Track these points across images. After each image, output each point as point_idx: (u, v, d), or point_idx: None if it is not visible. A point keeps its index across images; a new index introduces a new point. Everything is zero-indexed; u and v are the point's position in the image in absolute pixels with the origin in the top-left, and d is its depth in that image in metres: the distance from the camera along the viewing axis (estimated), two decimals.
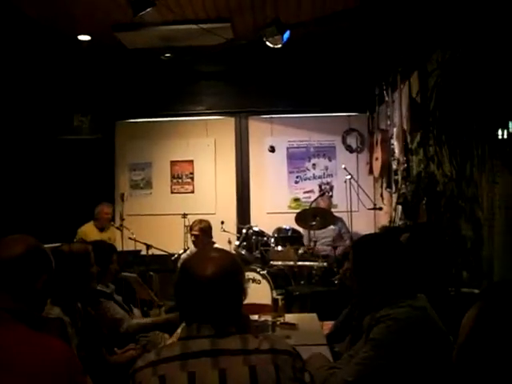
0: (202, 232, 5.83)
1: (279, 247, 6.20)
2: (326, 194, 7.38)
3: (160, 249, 6.44)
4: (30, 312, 1.73)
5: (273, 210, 7.62)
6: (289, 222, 6.75)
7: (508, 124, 2.97)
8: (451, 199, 4.13)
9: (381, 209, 6.79)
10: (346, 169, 6.81)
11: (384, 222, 6.52)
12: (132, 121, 7.91)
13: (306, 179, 7.76)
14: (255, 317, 3.53)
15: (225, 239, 6.36)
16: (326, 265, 5.86)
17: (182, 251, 6.40)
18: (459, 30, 3.37)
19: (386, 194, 6.70)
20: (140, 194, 7.85)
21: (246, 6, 5.33)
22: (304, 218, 6.30)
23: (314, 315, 4.03)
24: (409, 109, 5.12)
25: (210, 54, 6.54)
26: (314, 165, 7.76)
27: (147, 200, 7.82)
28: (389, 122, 6.15)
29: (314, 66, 7.15)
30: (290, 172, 7.77)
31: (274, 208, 7.64)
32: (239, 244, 6.38)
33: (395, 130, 5.76)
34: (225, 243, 6.21)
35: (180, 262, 5.00)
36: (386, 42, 5.59)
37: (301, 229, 6.71)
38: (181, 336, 1.64)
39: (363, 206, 6.97)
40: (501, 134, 2.97)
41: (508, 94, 2.88)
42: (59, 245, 3.06)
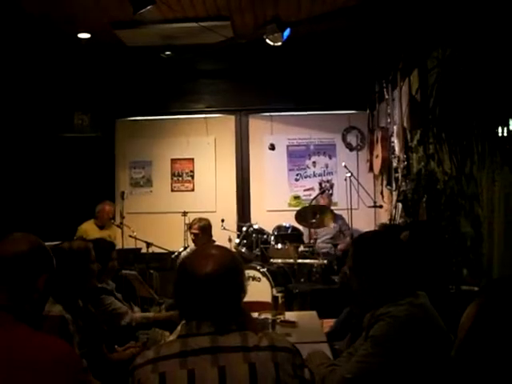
0: (201, 230, 5.84)
1: (279, 245, 6.20)
2: (327, 191, 7.38)
3: (160, 247, 6.44)
4: (31, 311, 1.72)
5: (273, 208, 7.62)
6: (289, 220, 6.75)
7: (508, 121, 2.96)
8: (451, 197, 4.13)
9: (381, 206, 6.79)
10: (346, 166, 6.81)
11: (384, 220, 6.53)
12: (132, 119, 7.91)
13: (306, 177, 7.76)
14: (255, 314, 3.54)
15: (225, 237, 6.36)
16: (326, 262, 5.87)
17: (182, 249, 6.41)
18: (459, 28, 3.37)
19: (386, 192, 6.70)
20: (140, 191, 7.84)
21: (246, 3, 5.32)
22: (304, 215, 6.31)
23: (314, 313, 4.03)
24: (409, 106, 5.11)
25: (210, 52, 6.53)
26: (314, 162, 7.76)
27: (147, 198, 7.82)
28: (389, 120, 6.15)
29: (314, 63, 7.15)
30: (290, 170, 7.77)
31: (274, 206, 7.64)
32: (239, 242, 6.39)
33: (395, 127, 5.77)
34: (225, 241, 6.21)
35: (180, 259, 5.00)
36: (386, 40, 5.59)
37: (301, 226, 6.72)
38: (180, 333, 1.63)
39: (363, 204, 6.97)
40: (501, 131, 2.97)
41: (508, 92, 2.87)
42: (60, 243, 3.07)
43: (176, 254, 6.28)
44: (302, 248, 6.11)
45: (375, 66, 6.45)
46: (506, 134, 2.97)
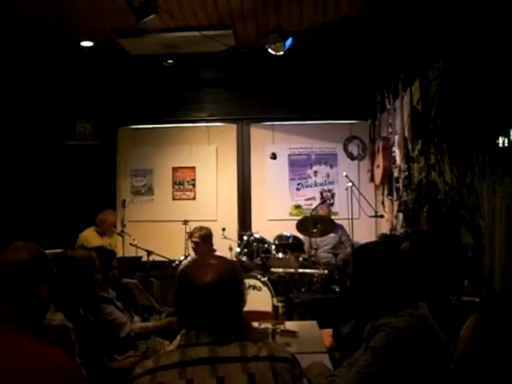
0: (202, 239, 5.84)
1: (280, 254, 6.19)
2: (328, 201, 7.39)
3: (161, 255, 6.43)
4: (32, 320, 1.72)
5: (274, 217, 7.62)
6: (290, 229, 6.74)
7: (509, 132, 2.97)
8: (452, 207, 4.13)
9: (382, 216, 6.78)
10: (347, 176, 6.80)
11: (385, 230, 6.51)
12: (134, 127, 7.93)
13: (307, 186, 7.76)
14: (255, 324, 3.53)
15: (226, 246, 6.36)
16: (326, 272, 5.85)
17: (182, 258, 6.40)
18: (460, 39, 3.38)
19: (387, 202, 6.70)
20: (141, 200, 7.85)
21: (248, 13, 5.35)
22: (305, 225, 6.30)
23: (315, 323, 4.02)
24: (410, 117, 5.12)
25: (212, 61, 6.55)
26: (315, 172, 7.76)
27: (148, 206, 7.82)
28: (390, 130, 6.15)
29: (315, 73, 7.17)
30: (292, 179, 7.78)
31: (275, 215, 7.64)
32: (240, 251, 6.38)
33: (396, 137, 5.77)
34: (226, 250, 6.21)
35: (180, 268, 5.00)
36: (388, 50, 5.60)
37: (302, 236, 6.71)
38: (180, 343, 1.63)
39: (364, 214, 6.96)
40: (501, 141, 2.97)
41: (508, 102, 2.88)
42: (61, 250, 3.06)
43: (177, 262, 6.27)
44: (302, 257, 6.10)
45: (377, 76, 6.46)
46: (506, 145, 2.97)
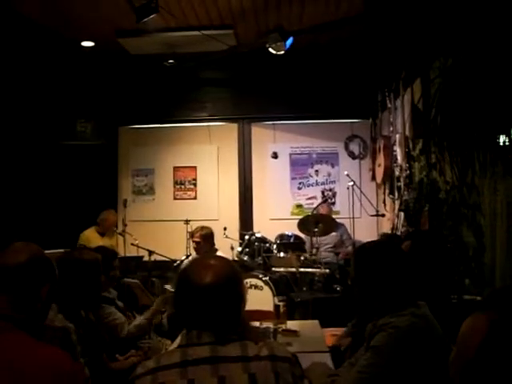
0: (203, 239, 5.83)
1: (281, 253, 6.18)
2: (329, 200, 7.38)
3: (162, 255, 6.43)
4: (32, 321, 1.72)
5: (275, 216, 7.62)
6: (291, 229, 6.73)
7: (509, 130, 2.97)
8: (453, 206, 4.13)
9: (383, 215, 6.78)
10: (348, 175, 6.80)
11: (386, 229, 6.52)
12: (135, 127, 7.93)
13: (308, 185, 7.76)
14: (257, 323, 3.53)
15: (227, 245, 6.35)
16: (328, 271, 5.85)
17: (184, 257, 6.39)
18: (460, 38, 3.38)
19: (388, 201, 6.70)
20: (143, 199, 7.85)
21: (248, 12, 5.35)
22: (306, 224, 6.30)
23: (316, 322, 4.01)
24: (411, 116, 5.12)
25: (213, 61, 6.55)
26: (316, 171, 7.76)
27: (150, 206, 7.83)
28: (391, 129, 6.15)
29: (316, 72, 7.17)
30: (293, 178, 7.78)
31: (277, 214, 7.64)
32: (241, 250, 6.38)
33: (398, 136, 5.76)
34: (227, 249, 6.20)
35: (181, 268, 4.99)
36: (389, 49, 5.60)
37: (303, 235, 6.70)
38: (181, 343, 1.63)
39: (366, 213, 6.96)
40: (502, 140, 2.97)
41: (509, 101, 2.88)
42: (63, 251, 3.05)
43: (178, 262, 6.27)
44: (304, 257, 6.09)
45: (378, 75, 6.46)
46: (507, 144, 2.97)
